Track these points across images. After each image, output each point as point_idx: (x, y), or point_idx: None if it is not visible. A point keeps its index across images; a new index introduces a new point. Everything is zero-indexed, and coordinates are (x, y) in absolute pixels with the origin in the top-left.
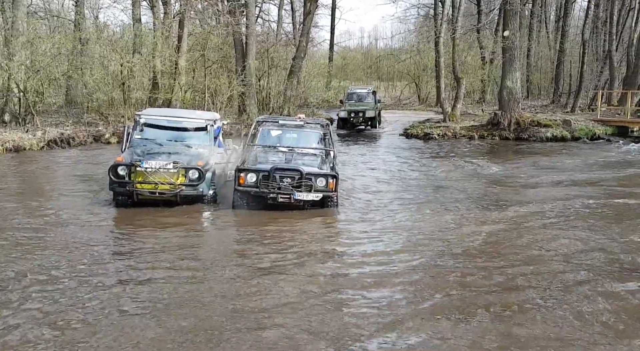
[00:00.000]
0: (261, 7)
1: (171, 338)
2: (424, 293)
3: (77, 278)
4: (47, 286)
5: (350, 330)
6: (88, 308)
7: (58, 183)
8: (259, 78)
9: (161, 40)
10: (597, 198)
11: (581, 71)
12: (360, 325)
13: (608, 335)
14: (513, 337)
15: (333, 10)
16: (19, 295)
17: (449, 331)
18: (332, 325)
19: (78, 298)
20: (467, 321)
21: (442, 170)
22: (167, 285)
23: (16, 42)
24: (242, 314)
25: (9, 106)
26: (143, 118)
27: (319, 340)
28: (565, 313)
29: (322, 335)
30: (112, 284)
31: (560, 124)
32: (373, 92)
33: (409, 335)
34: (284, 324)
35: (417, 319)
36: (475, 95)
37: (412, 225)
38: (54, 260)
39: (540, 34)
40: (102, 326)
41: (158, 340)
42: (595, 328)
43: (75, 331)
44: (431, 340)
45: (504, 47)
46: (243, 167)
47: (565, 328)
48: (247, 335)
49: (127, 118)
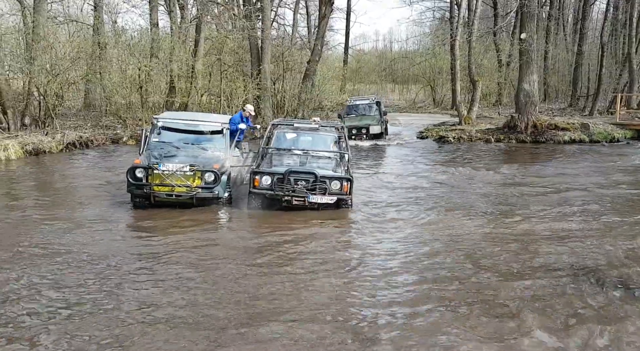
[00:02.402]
0: (277, 11)
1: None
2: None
3: (98, 286)
4: (64, 288)
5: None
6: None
7: (76, 186)
8: (274, 81)
9: (178, 45)
10: (623, 204)
11: (600, 74)
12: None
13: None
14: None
15: (348, 14)
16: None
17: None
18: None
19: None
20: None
21: (457, 174)
22: (181, 286)
23: (37, 46)
24: (261, 312)
25: (29, 109)
26: (160, 121)
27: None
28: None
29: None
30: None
31: (579, 128)
32: (377, 102)
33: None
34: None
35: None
36: (492, 98)
37: (433, 228)
38: (72, 258)
39: (557, 36)
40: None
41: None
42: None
43: (88, 336)
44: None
45: (521, 49)
46: (258, 170)
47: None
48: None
49: (145, 122)
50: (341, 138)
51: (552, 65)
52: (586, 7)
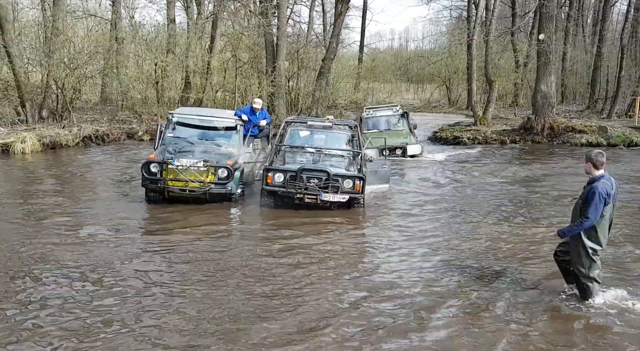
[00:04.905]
0: (292, 9)
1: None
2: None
3: (111, 277)
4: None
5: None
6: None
7: (92, 179)
8: (289, 79)
9: (194, 41)
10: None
11: (619, 76)
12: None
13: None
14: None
15: (364, 12)
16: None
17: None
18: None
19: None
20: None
21: (474, 175)
22: (193, 281)
23: (56, 40)
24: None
25: (47, 102)
26: (175, 117)
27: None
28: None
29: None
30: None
31: (596, 130)
32: (403, 113)
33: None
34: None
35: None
36: (508, 98)
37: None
38: (89, 250)
39: (576, 37)
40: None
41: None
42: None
43: (102, 329)
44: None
45: (539, 50)
46: (271, 167)
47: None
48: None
49: (160, 117)
50: (354, 136)
51: (570, 67)
52: (606, 9)
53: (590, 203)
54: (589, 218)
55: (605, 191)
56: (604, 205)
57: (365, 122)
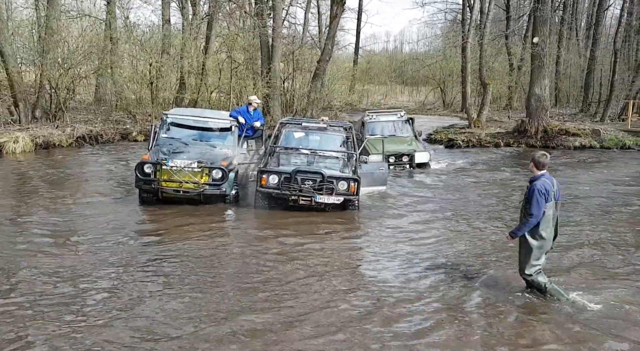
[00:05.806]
0: (288, 10)
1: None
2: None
3: (104, 281)
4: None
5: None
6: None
7: (85, 180)
8: (284, 80)
9: (189, 41)
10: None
11: (612, 80)
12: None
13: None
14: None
15: (359, 14)
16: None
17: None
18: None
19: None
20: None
21: (469, 178)
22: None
23: (50, 40)
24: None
25: (40, 102)
26: (170, 117)
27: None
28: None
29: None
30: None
31: (589, 133)
32: (408, 119)
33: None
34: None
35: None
36: (502, 101)
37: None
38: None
39: (570, 41)
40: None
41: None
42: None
43: (92, 324)
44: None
45: (533, 53)
46: (265, 169)
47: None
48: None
49: (154, 117)
50: (349, 138)
51: (564, 70)
52: (600, 13)
53: (531, 201)
54: (533, 214)
55: (544, 188)
56: (545, 202)
57: (367, 127)
